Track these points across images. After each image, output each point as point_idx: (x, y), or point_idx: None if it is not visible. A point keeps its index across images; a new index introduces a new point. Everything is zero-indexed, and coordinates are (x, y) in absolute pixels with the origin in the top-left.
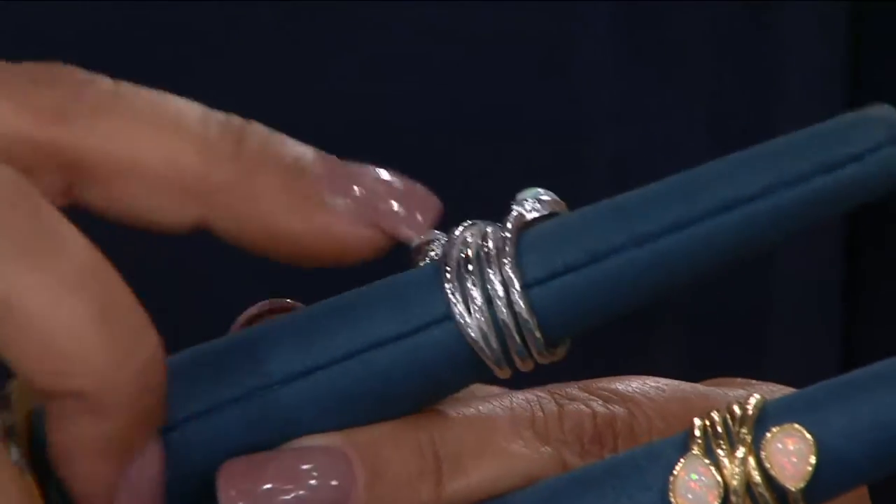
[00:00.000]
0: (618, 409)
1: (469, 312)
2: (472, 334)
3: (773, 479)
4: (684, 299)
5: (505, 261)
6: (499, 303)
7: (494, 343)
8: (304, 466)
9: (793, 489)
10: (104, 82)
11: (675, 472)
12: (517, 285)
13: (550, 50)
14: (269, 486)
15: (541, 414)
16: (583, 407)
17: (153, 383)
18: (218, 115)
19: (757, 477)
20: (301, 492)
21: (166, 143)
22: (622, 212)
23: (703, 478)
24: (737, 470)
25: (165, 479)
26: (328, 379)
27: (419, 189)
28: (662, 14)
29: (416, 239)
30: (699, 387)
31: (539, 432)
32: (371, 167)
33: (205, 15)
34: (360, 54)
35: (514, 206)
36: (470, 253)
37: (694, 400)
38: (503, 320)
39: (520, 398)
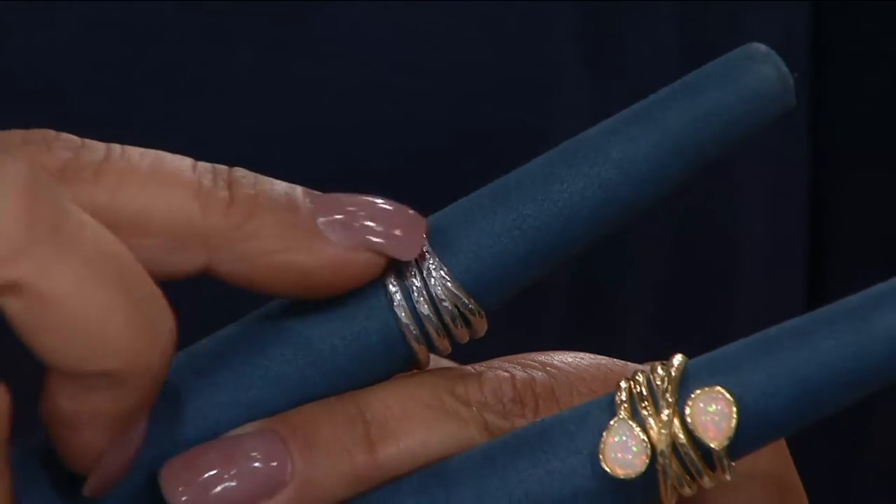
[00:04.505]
0: (537, 373)
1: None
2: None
3: (698, 438)
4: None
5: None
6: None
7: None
8: (240, 450)
9: (716, 448)
10: (97, 146)
11: (603, 435)
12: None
13: (529, 82)
14: (208, 474)
15: (460, 380)
16: (502, 372)
17: (169, 363)
18: (206, 165)
19: (682, 437)
20: (240, 474)
21: (166, 196)
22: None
23: (630, 440)
24: (663, 431)
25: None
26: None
27: (404, 209)
28: (628, 48)
29: (410, 257)
30: (618, 360)
31: (459, 396)
32: (357, 195)
33: (200, 19)
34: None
35: None
36: None
37: (612, 367)
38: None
39: (441, 372)
